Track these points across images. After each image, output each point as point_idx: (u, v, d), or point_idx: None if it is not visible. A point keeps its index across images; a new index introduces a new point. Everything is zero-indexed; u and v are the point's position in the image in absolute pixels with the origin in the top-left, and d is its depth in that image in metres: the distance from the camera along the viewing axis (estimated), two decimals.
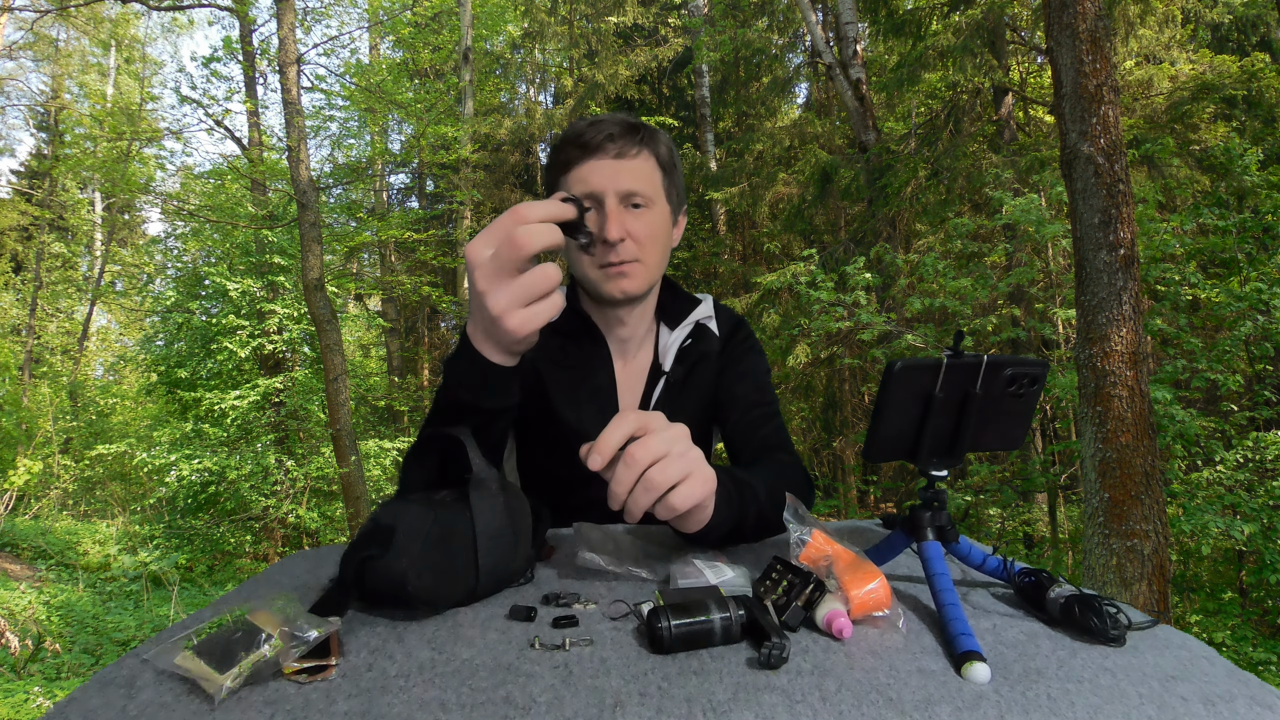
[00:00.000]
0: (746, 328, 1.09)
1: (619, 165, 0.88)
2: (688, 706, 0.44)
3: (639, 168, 0.90)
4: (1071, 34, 2.68)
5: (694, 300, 1.05)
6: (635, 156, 0.89)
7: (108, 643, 4.67)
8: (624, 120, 0.90)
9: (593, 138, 0.87)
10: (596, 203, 0.88)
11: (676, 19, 11.56)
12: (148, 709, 0.44)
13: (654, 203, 0.91)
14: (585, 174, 0.88)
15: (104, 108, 12.97)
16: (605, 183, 0.87)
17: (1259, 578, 3.60)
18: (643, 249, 0.91)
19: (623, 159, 0.88)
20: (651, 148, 0.91)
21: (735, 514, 0.73)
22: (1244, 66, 6.12)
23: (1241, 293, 3.94)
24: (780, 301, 7.20)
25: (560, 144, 0.92)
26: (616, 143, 0.88)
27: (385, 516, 0.60)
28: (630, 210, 0.90)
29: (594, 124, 0.89)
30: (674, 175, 0.96)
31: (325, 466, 7.84)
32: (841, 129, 9.30)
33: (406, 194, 14.11)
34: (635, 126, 0.90)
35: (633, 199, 0.89)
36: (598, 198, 0.88)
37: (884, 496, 7.96)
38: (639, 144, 0.90)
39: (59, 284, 15.49)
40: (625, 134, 0.89)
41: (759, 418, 1.01)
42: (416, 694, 0.46)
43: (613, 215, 0.87)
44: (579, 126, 0.90)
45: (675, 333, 1.01)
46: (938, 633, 0.56)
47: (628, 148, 0.89)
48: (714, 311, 1.05)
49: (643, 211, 0.90)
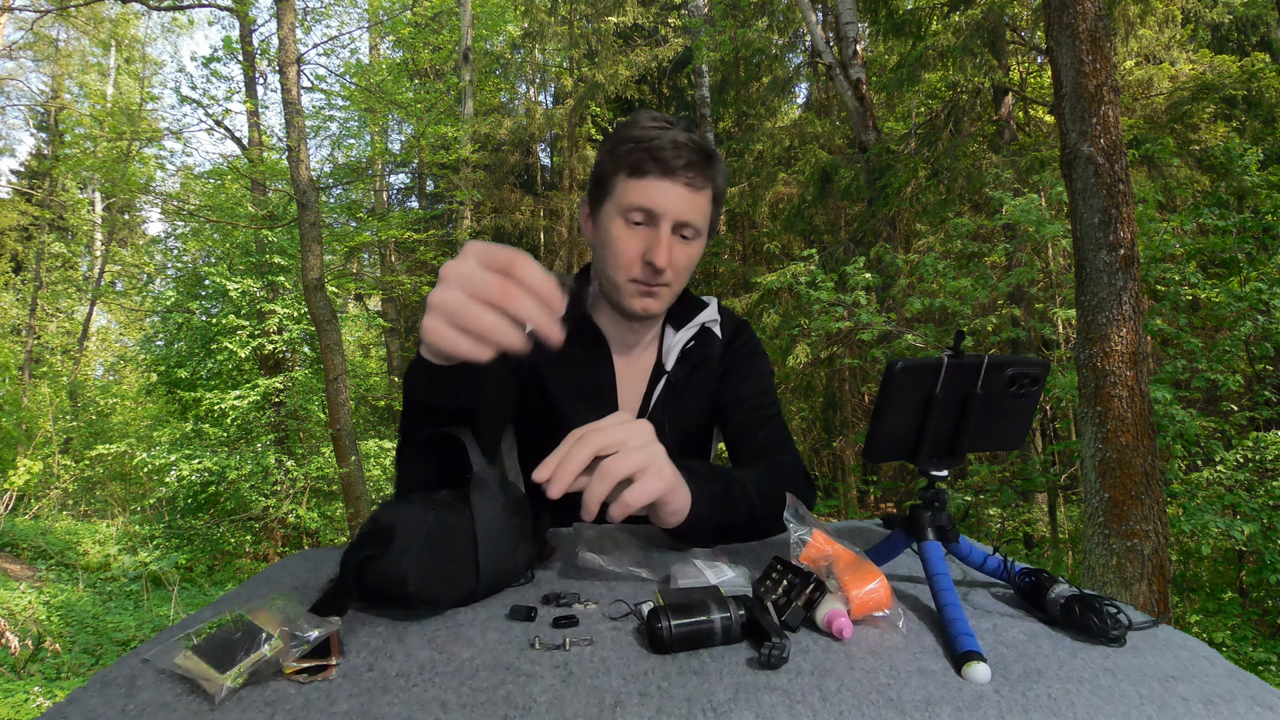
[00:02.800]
0: (749, 331, 1.09)
1: (685, 196, 0.88)
2: (688, 706, 0.44)
3: (700, 202, 0.90)
4: (1071, 34, 2.68)
5: (701, 303, 1.06)
6: (701, 190, 0.90)
7: (108, 643, 4.67)
8: (701, 147, 0.89)
9: (672, 159, 0.87)
10: (650, 219, 0.88)
11: (676, 19, 11.56)
12: (148, 709, 0.44)
13: (700, 235, 0.93)
14: (651, 190, 0.87)
15: (104, 108, 12.96)
16: (668, 207, 0.87)
17: (1259, 578, 3.60)
18: (678, 277, 0.92)
19: (691, 190, 0.88)
20: (714, 182, 0.92)
21: (721, 510, 0.73)
22: (1244, 66, 6.12)
23: (1241, 293, 3.94)
24: (780, 301, 7.20)
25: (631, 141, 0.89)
26: (690, 171, 0.88)
27: (385, 516, 0.60)
28: (679, 240, 0.91)
29: (675, 143, 0.87)
30: (720, 206, 0.97)
31: (325, 466, 7.84)
32: (841, 129, 9.30)
33: (406, 194, 14.12)
34: (709, 156, 0.90)
35: (684, 229, 0.90)
36: (654, 217, 0.88)
37: (884, 496, 7.96)
38: (708, 176, 0.90)
39: (59, 284, 15.49)
40: (700, 164, 0.89)
41: (760, 419, 1.02)
42: (416, 694, 0.46)
43: (663, 243, 0.88)
44: (652, 130, 0.88)
45: (680, 334, 1.02)
46: (938, 633, 0.56)
47: (698, 180, 0.89)
48: (719, 315, 1.06)
49: (689, 243, 0.92)
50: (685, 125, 0.91)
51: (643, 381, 1.03)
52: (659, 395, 1.00)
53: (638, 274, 0.90)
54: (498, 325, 0.53)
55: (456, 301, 0.54)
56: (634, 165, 0.88)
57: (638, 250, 0.89)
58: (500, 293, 0.53)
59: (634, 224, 0.89)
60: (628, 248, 0.90)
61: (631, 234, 0.89)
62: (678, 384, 1.01)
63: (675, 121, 0.91)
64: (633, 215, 0.88)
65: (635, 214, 0.88)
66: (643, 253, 0.89)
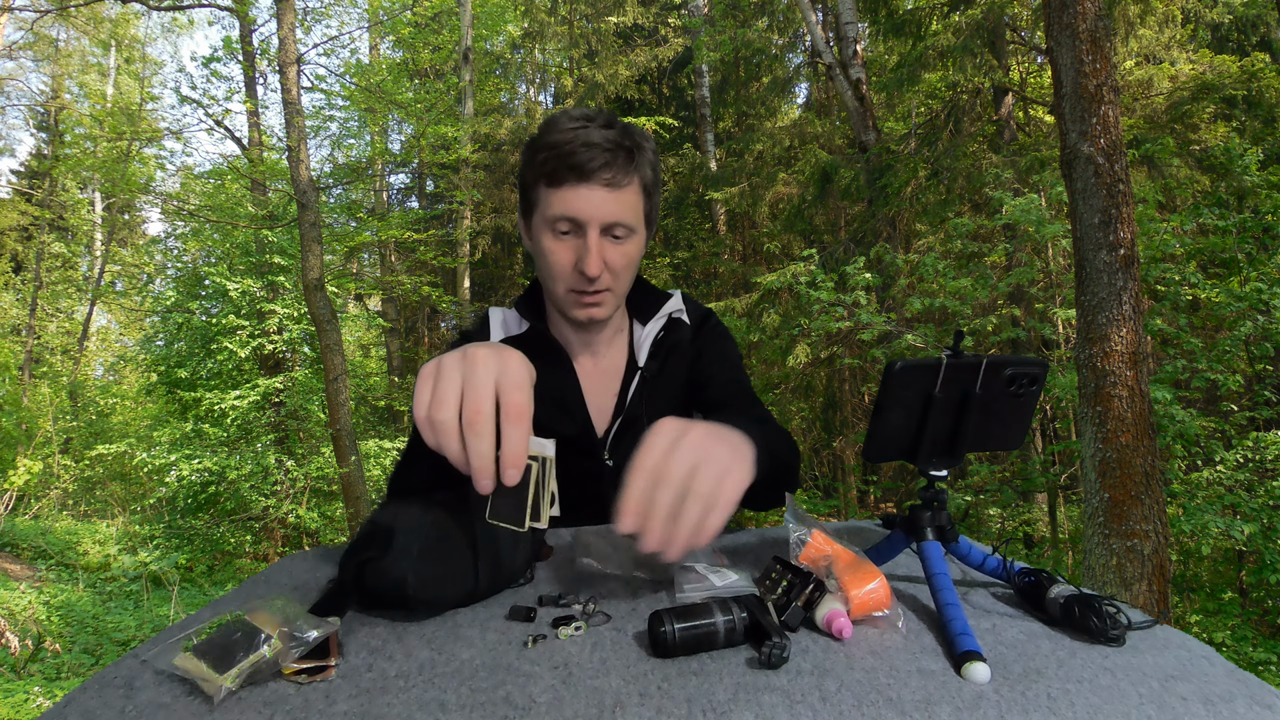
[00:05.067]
0: (715, 317, 1.09)
1: (608, 197, 0.85)
2: (688, 707, 0.44)
3: (626, 199, 0.87)
4: (1071, 34, 2.68)
5: (665, 295, 1.06)
6: (625, 187, 0.86)
7: (108, 643, 4.67)
8: (616, 141, 0.85)
9: (586, 162, 0.83)
10: (576, 228, 0.86)
11: (676, 19, 11.56)
12: (147, 709, 0.44)
13: (634, 231, 0.90)
14: (571, 198, 0.85)
15: (104, 108, 12.97)
16: (592, 213, 0.85)
17: (1259, 578, 3.60)
18: (617, 279, 0.90)
19: (612, 189, 0.85)
20: (640, 172, 0.89)
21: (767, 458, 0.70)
22: (1244, 66, 6.12)
23: (1241, 293, 3.94)
24: (780, 301, 7.20)
25: (546, 147, 0.86)
26: (609, 171, 0.84)
27: (384, 518, 0.60)
28: (611, 241, 0.88)
29: (586, 143, 0.83)
30: (655, 195, 0.94)
31: (325, 466, 7.84)
32: (841, 129, 9.30)
33: (406, 194, 14.12)
34: (629, 150, 0.86)
35: (615, 230, 0.87)
36: (579, 225, 0.86)
37: (884, 496, 7.96)
38: (631, 171, 0.87)
39: (59, 284, 15.49)
40: (618, 160, 0.85)
41: (736, 393, 1.02)
42: (416, 694, 0.46)
43: (594, 249, 0.85)
44: (566, 135, 0.84)
45: (648, 327, 1.02)
46: (938, 633, 0.56)
47: (619, 177, 0.85)
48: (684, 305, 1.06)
49: (622, 241, 0.89)
50: (605, 120, 0.87)
51: (615, 380, 1.02)
52: (635, 390, 1.00)
53: (573, 284, 0.88)
54: (485, 462, 0.53)
55: (448, 405, 0.54)
56: (550, 174, 0.85)
57: (569, 260, 0.87)
58: (477, 423, 0.53)
59: (562, 234, 0.87)
60: (560, 259, 0.88)
61: (561, 245, 0.87)
62: (653, 377, 1.01)
63: (594, 117, 0.87)
64: (559, 225, 0.86)
65: (561, 224, 0.86)
66: (574, 262, 0.87)
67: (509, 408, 0.54)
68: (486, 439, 0.53)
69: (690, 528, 0.54)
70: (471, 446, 0.53)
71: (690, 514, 0.54)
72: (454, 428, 0.53)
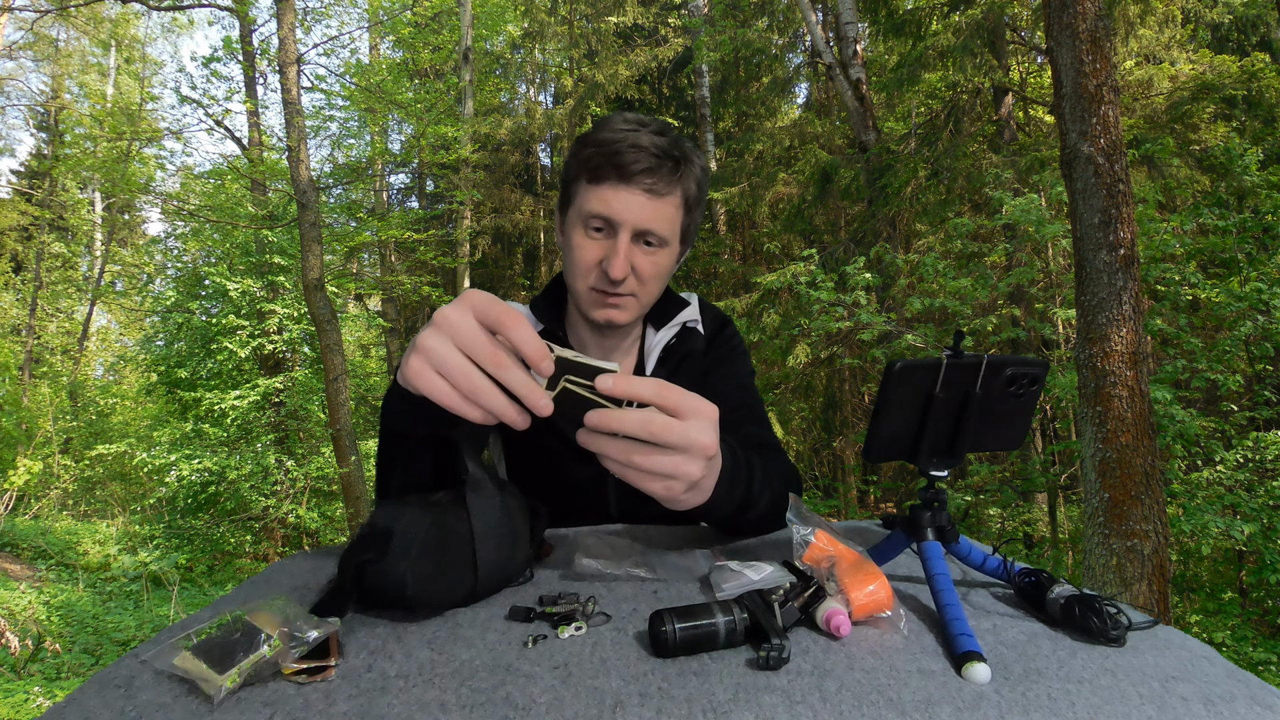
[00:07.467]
0: (732, 327, 1.07)
1: (646, 203, 0.84)
2: (688, 707, 0.44)
3: (664, 209, 0.85)
4: (1071, 34, 2.68)
5: (682, 302, 1.04)
6: (665, 196, 0.85)
7: (108, 643, 4.67)
8: (665, 149, 0.83)
9: (630, 163, 0.82)
10: (609, 228, 0.85)
11: (676, 19, 11.57)
12: (147, 709, 0.44)
13: (668, 243, 0.88)
14: (609, 198, 0.83)
15: (104, 108, 12.97)
16: (626, 216, 0.83)
17: (1259, 578, 3.60)
18: (643, 286, 0.88)
19: (652, 196, 0.84)
20: (683, 185, 0.87)
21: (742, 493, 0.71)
22: (1244, 66, 6.13)
23: (1241, 293, 3.94)
24: (780, 301, 7.20)
25: (593, 145, 0.85)
26: (653, 176, 0.83)
27: (383, 519, 0.60)
28: (642, 247, 0.86)
29: (635, 145, 0.82)
30: (696, 211, 0.92)
31: (325, 466, 7.85)
32: (841, 129, 9.30)
33: (406, 194, 14.13)
34: (675, 161, 0.85)
35: (648, 237, 0.86)
36: (612, 225, 0.85)
37: (884, 496, 7.96)
38: (674, 182, 0.85)
39: (59, 284, 15.50)
40: (663, 168, 0.83)
41: (743, 417, 1.00)
42: (416, 694, 0.46)
43: (620, 253, 0.84)
44: (617, 134, 0.84)
45: (660, 334, 1.01)
46: (938, 633, 0.56)
47: (661, 185, 0.84)
48: (700, 313, 1.05)
49: (654, 250, 0.87)
50: (658, 127, 0.86)
51: None
52: None
53: (595, 283, 0.87)
54: (485, 388, 0.52)
55: (444, 350, 0.52)
56: (593, 171, 0.84)
57: (595, 258, 0.86)
58: (489, 355, 0.52)
59: (594, 230, 0.86)
60: (586, 256, 0.86)
61: (591, 242, 0.86)
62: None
63: (648, 123, 0.86)
64: (592, 222, 0.85)
65: (594, 221, 0.85)
66: (600, 261, 0.86)
67: (499, 322, 0.52)
68: (516, 368, 0.52)
69: (627, 459, 0.55)
70: (510, 383, 0.52)
71: (639, 453, 0.55)
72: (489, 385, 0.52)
